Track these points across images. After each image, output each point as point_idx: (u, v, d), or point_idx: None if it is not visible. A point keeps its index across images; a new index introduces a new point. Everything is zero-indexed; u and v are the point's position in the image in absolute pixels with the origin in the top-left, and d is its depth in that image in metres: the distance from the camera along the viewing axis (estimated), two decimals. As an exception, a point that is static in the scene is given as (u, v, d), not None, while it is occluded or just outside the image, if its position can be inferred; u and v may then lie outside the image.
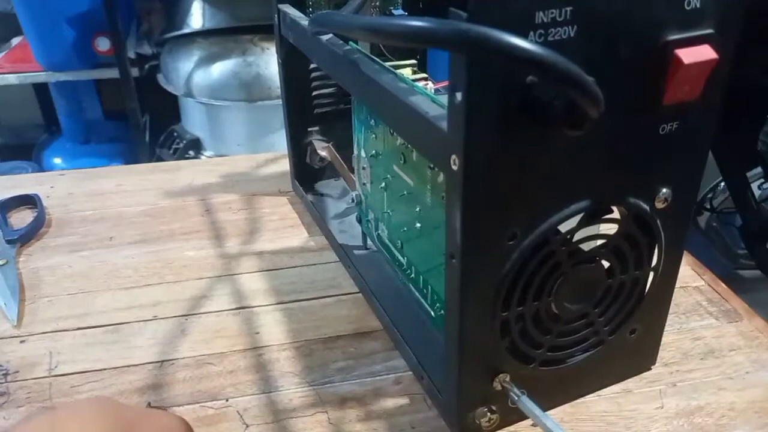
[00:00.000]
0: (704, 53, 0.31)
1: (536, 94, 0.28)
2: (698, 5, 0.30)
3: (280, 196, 0.69)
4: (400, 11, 0.50)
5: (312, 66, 0.62)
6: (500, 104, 0.28)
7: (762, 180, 1.18)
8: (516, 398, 0.30)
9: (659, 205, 0.36)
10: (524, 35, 0.27)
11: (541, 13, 0.27)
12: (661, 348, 0.45)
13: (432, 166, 0.40)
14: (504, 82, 0.28)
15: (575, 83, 0.26)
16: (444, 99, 0.31)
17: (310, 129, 0.64)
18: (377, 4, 0.52)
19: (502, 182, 0.31)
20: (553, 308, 0.37)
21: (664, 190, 0.36)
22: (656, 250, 0.38)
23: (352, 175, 0.58)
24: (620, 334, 0.41)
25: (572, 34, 0.28)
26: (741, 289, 0.56)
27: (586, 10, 0.28)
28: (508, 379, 0.38)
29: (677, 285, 0.42)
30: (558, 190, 0.33)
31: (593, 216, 0.35)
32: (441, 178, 0.39)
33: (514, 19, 0.27)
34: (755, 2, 0.36)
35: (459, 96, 0.28)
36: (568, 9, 0.27)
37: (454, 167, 0.30)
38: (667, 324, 0.44)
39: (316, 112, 0.64)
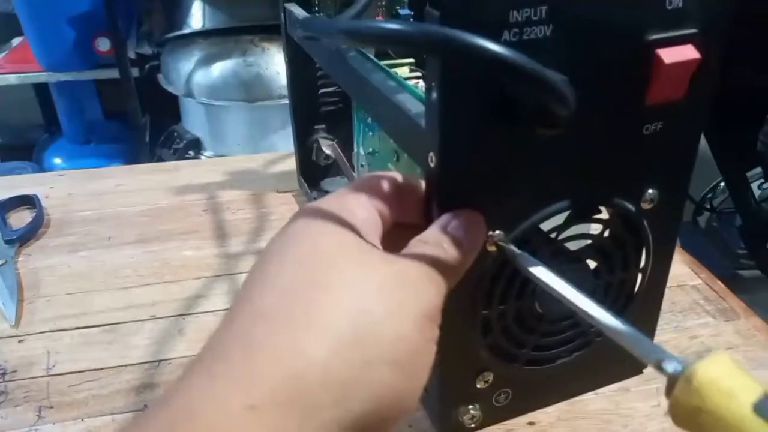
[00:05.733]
0: (686, 53, 0.30)
1: (510, 93, 0.28)
2: (680, 5, 0.30)
3: (281, 195, 0.69)
4: (406, 11, 0.50)
5: (318, 64, 0.62)
6: (475, 103, 0.28)
7: (762, 180, 1.18)
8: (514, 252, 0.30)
9: (645, 205, 0.36)
10: (498, 34, 0.27)
11: (515, 12, 0.27)
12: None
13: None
14: (478, 81, 0.28)
15: (540, 83, 0.26)
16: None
17: (316, 127, 0.64)
18: (383, 3, 0.52)
19: (479, 180, 0.31)
20: (536, 307, 0.36)
21: (650, 190, 0.36)
22: (644, 251, 0.38)
23: (354, 173, 0.58)
24: None
25: (548, 34, 0.28)
26: (741, 289, 0.56)
27: (562, 10, 0.28)
28: (491, 378, 0.38)
29: (674, 284, 0.42)
30: (537, 188, 0.33)
31: (578, 215, 0.35)
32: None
33: (488, 18, 0.27)
34: (751, 2, 0.36)
35: (435, 94, 0.28)
36: (544, 8, 0.27)
37: (432, 164, 0.30)
38: (664, 322, 0.44)
39: (322, 110, 0.64)
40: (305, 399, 0.23)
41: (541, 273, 0.29)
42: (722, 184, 1.24)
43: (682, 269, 0.56)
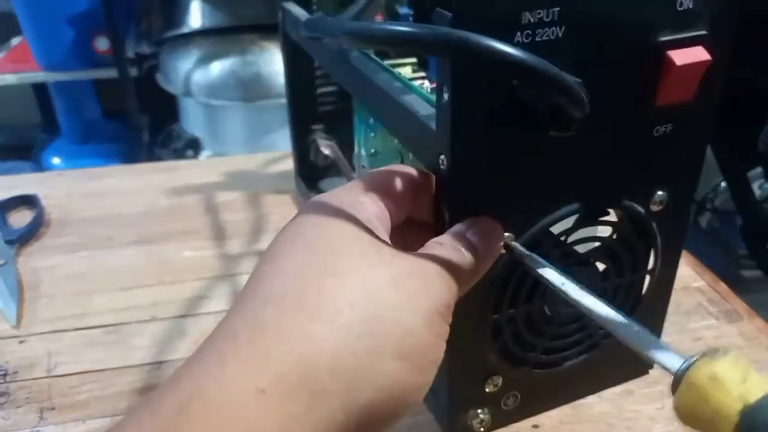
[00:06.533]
0: (697, 55, 0.30)
1: (522, 95, 0.28)
2: (690, 6, 0.30)
3: (281, 195, 0.69)
4: (405, 10, 0.50)
5: (316, 64, 0.61)
6: (487, 104, 0.28)
7: (763, 180, 1.18)
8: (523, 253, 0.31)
9: (654, 207, 0.36)
10: (511, 36, 0.27)
11: (527, 14, 0.27)
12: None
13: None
14: (490, 82, 0.28)
15: (556, 85, 0.26)
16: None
17: (314, 127, 0.64)
18: (383, 2, 0.52)
19: (490, 182, 0.31)
20: (546, 310, 0.36)
21: (660, 192, 0.35)
22: (653, 253, 0.38)
23: (354, 174, 0.58)
24: None
25: (560, 35, 0.28)
26: (743, 289, 0.56)
27: (575, 11, 0.28)
28: (500, 381, 0.38)
29: (678, 285, 0.41)
30: (549, 191, 0.32)
31: (588, 218, 0.34)
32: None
33: (500, 19, 0.26)
34: (752, 3, 0.36)
35: (446, 96, 0.28)
36: (556, 10, 0.27)
37: (443, 167, 0.30)
38: (668, 324, 0.43)
39: (321, 110, 0.64)
40: (313, 385, 0.23)
41: (550, 274, 0.29)
42: (723, 184, 1.24)
43: (685, 271, 0.56)
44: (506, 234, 0.31)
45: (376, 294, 0.25)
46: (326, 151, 0.63)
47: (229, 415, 0.22)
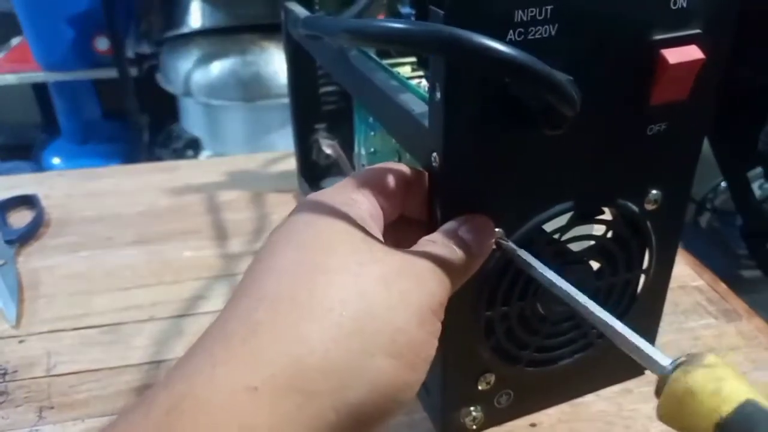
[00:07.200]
0: (691, 53, 0.30)
1: (515, 93, 0.28)
2: (685, 5, 0.30)
3: (283, 195, 0.69)
4: (407, 9, 0.50)
5: (319, 63, 0.61)
6: (479, 102, 0.28)
7: (762, 180, 1.18)
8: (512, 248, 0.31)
9: (649, 206, 0.36)
10: (503, 34, 0.27)
11: (520, 12, 0.27)
12: (660, 348, 0.45)
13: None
14: (483, 80, 0.28)
15: (546, 83, 0.26)
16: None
17: (316, 126, 0.64)
18: (385, 1, 0.52)
19: (483, 180, 0.31)
20: (539, 308, 0.36)
21: (654, 191, 0.35)
22: (647, 252, 0.38)
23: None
24: None
25: (553, 33, 0.28)
26: (742, 289, 0.56)
27: (567, 9, 0.28)
28: (493, 379, 0.38)
29: (677, 285, 0.41)
30: (541, 189, 0.32)
31: (581, 216, 0.34)
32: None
33: (493, 17, 0.26)
34: (751, 3, 0.36)
35: (439, 93, 0.28)
36: (549, 7, 0.27)
37: (435, 164, 0.30)
38: (666, 323, 0.43)
39: (323, 109, 0.64)
40: (304, 384, 0.23)
41: (541, 272, 0.29)
42: (723, 184, 1.24)
43: (684, 270, 0.56)
44: (498, 231, 0.31)
45: (367, 292, 0.25)
46: (328, 151, 0.64)
47: (221, 414, 0.22)
